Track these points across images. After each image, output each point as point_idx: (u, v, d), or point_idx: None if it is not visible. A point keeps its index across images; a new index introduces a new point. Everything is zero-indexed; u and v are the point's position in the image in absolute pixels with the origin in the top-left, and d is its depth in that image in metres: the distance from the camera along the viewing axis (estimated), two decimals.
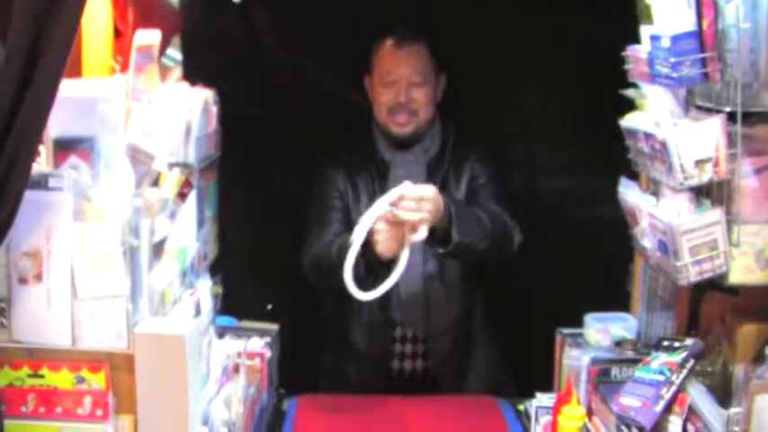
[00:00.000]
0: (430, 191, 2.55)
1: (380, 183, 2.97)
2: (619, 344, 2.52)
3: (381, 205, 2.48)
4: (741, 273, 2.07)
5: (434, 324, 2.99)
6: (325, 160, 3.05)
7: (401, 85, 2.93)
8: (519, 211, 3.03)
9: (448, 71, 3.03)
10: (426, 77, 2.95)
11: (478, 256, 2.75)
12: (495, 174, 3.01)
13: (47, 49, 1.60)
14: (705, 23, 1.95)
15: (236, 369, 2.37)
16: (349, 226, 2.94)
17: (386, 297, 2.78)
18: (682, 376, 2.19)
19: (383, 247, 2.54)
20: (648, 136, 2.14)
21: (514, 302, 3.10)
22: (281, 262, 3.29)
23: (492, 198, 2.94)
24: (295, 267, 2.98)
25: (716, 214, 2.04)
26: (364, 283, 2.54)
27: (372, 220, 2.48)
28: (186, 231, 2.26)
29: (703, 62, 1.97)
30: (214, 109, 2.58)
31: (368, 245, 2.52)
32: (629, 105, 2.32)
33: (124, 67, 2.19)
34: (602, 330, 2.56)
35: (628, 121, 2.28)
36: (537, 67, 3.25)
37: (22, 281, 1.87)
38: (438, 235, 2.62)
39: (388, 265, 2.58)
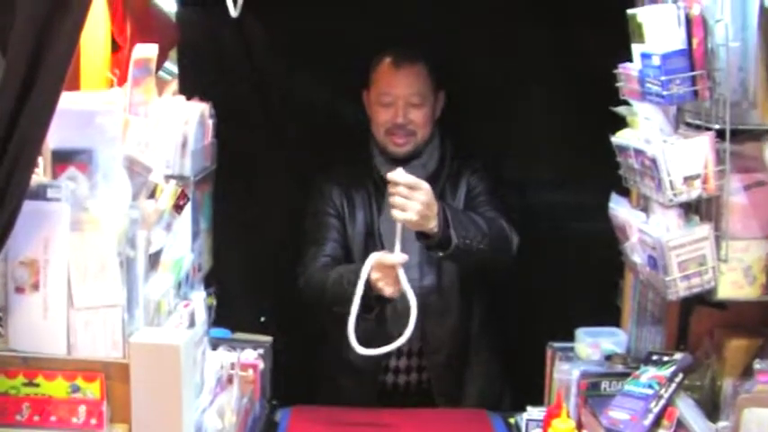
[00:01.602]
0: (423, 183, 2.62)
1: (377, 198, 2.99)
2: (609, 358, 2.53)
3: (366, 268, 2.61)
4: (729, 288, 2.09)
5: (430, 338, 2.99)
6: (322, 175, 3.06)
7: (399, 106, 2.93)
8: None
9: (446, 87, 3.05)
10: (425, 98, 2.96)
11: (478, 258, 2.77)
12: (491, 184, 3.02)
13: (47, 62, 1.62)
14: (695, 42, 1.99)
15: (230, 380, 2.39)
16: (345, 243, 2.96)
17: (381, 311, 2.80)
18: (670, 390, 2.21)
19: (390, 291, 2.64)
20: (639, 152, 2.16)
21: (506, 317, 3.12)
22: (274, 275, 3.30)
23: (489, 206, 2.95)
24: (288, 280, 2.99)
25: (704, 230, 2.07)
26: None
27: (363, 282, 2.61)
28: (181, 243, 2.27)
29: (693, 80, 2.00)
30: (210, 122, 2.60)
31: (365, 290, 2.62)
32: (622, 122, 2.34)
33: (122, 81, 2.21)
34: (593, 344, 2.57)
35: (619, 137, 2.31)
36: (533, 83, 3.27)
37: (19, 290, 1.88)
38: (436, 239, 2.66)
39: (386, 300, 2.70)
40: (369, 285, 2.64)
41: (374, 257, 2.63)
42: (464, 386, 3.07)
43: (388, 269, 2.62)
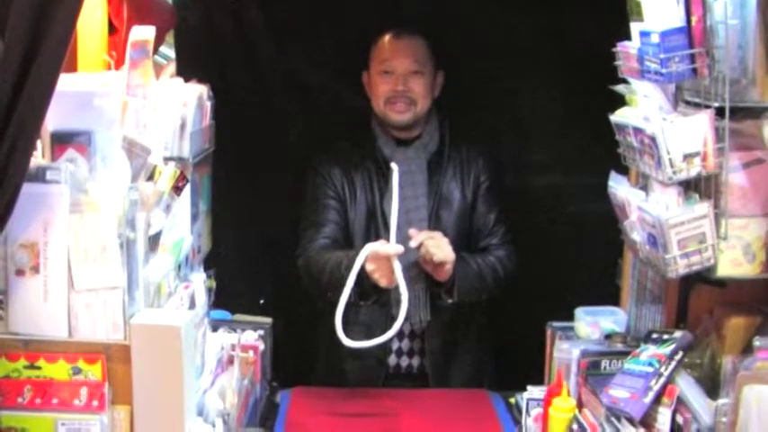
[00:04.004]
0: (451, 257, 2.74)
1: (379, 179, 2.99)
2: (608, 337, 2.54)
3: (360, 258, 2.63)
4: (729, 266, 2.09)
5: (435, 319, 2.99)
6: (322, 157, 3.05)
7: (399, 74, 2.95)
8: (511, 206, 3.06)
9: (444, 69, 3.05)
10: (424, 68, 2.98)
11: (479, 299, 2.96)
12: (496, 181, 3.07)
13: (45, 44, 1.61)
14: (694, 20, 1.98)
15: (231, 361, 2.40)
16: (345, 225, 2.97)
17: (386, 294, 2.80)
18: (670, 368, 2.21)
19: (385, 282, 2.67)
20: (638, 131, 2.16)
21: (506, 297, 3.12)
22: (274, 256, 3.31)
23: (492, 209, 3.03)
24: (288, 262, 3.00)
25: (704, 208, 2.07)
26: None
27: (355, 273, 2.63)
28: (181, 225, 2.28)
29: (692, 58, 1.99)
30: (208, 104, 2.60)
31: (361, 278, 2.65)
32: (621, 101, 2.34)
33: (119, 63, 2.20)
34: (593, 324, 2.58)
35: (618, 116, 2.30)
36: (530, 64, 3.26)
37: (20, 273, 1.88)
38: (444, 287, 2.82)
39: (381, 289, 2.73)
40: (365, 274, 2.64)
41: (369, 248, 2.64)
42: (460, 366, 3.07)
43: (383, 260, 2.63)
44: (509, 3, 3.17)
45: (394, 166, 2.75)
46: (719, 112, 2.01)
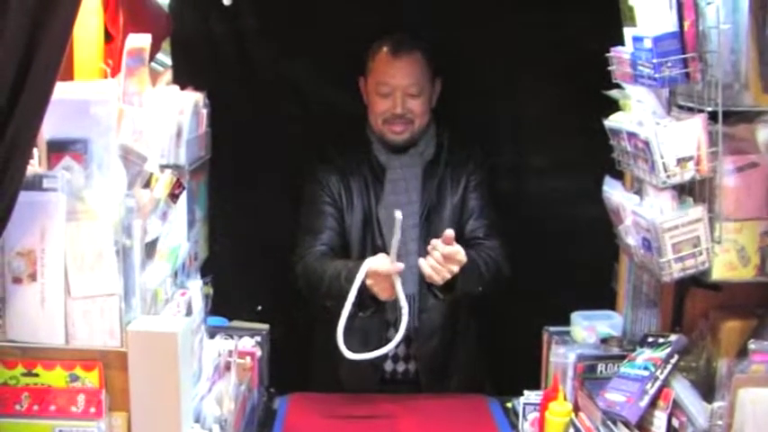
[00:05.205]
0: (463, 257, 2.64)
1: (375, 185, 2.99)
2: (604, 341, 2.55)
3: (361, 274, 2.61)
4: (723, 269, 2.10)
5: (424, 325, 3.00)
6: (319, 162, 3.05)
7: (397, 97, 2.92)
8: (507, 211, 3.07)
9: (442, 72, 3.05)
10: (422, 87, 2.95)
11: (473, 296, 2.90)
12: (486, 179, 3.06)
13: (41, 52, 1.62)
14: (686, 25, 1.99)
15: (228, 367, 2.40)
16: (342, 231, 2.97)
17: (383, 305, 2.80)
18: (666, 371, 2.22)
19: (385, 297, 2.65)
20: (632, 135, 2.17)
21: (501, 301, 3.13)
22: (271, 263, 3.30)
23: (478, 200, 3.00)
24: (285, 268, 3.00)
25: (698, 212, 2.08)
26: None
27: (356, 288, 2.61)
28: (177, 232, 2.28)
29: (685, 63, 2.00)
30: (204, 111, 2.60)
31: (360, 291, 2.62)
32: (615, 106, 2.35)
33: (115, 71, 2.21)
34: (589, 328, 2.59)
35: (612, 121, 2.31)
36: (525, 68, 3.27)
37: (16, 280, 1.89)
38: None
39: (380, 301, 2.71)
40: (364, 286, 2.64)
41: (368, 265, 2.63)
42: (454, 371, 3.08)
43: (383, 276, 2.63)
44: (505, 8, 3.17)
45: (398, 214, 2.57)
46: (713, 117, 2.02)
